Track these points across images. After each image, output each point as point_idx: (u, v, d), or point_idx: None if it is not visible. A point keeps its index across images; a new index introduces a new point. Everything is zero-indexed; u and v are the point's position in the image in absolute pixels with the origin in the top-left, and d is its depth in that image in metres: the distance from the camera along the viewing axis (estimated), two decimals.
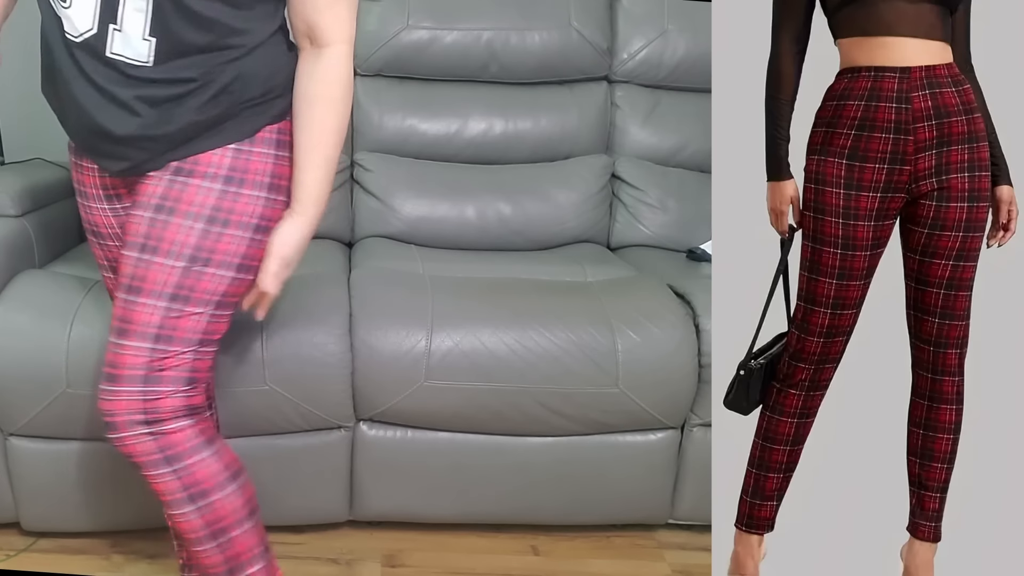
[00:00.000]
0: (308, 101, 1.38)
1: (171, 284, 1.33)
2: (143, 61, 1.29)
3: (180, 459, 1.35)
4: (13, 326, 1.77)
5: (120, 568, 1.91)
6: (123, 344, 1.33)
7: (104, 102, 1.31)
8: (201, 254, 1.34)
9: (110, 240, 1.49)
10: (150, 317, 1.32)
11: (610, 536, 2.11)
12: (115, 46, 1.28)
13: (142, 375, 1.33)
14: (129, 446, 1.35)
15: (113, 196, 1.46)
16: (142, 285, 1.33)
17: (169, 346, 1.33)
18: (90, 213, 1.49)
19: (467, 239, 2.45)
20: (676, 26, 2.58)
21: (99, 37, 1.28)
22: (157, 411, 1.33)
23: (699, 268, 2.35)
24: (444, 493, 2.00)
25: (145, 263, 1.33)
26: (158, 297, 1.32)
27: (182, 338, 1.34)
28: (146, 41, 1.28)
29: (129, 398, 1.33)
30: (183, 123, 1.33)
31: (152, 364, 1.33)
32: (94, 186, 1.46)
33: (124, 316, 1.34)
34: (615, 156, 2.60)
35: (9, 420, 1.81)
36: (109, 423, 1.35)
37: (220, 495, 1.38)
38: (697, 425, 2.01)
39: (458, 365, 1.88)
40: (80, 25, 1.28)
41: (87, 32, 1.28)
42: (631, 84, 2.62)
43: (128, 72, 1.30)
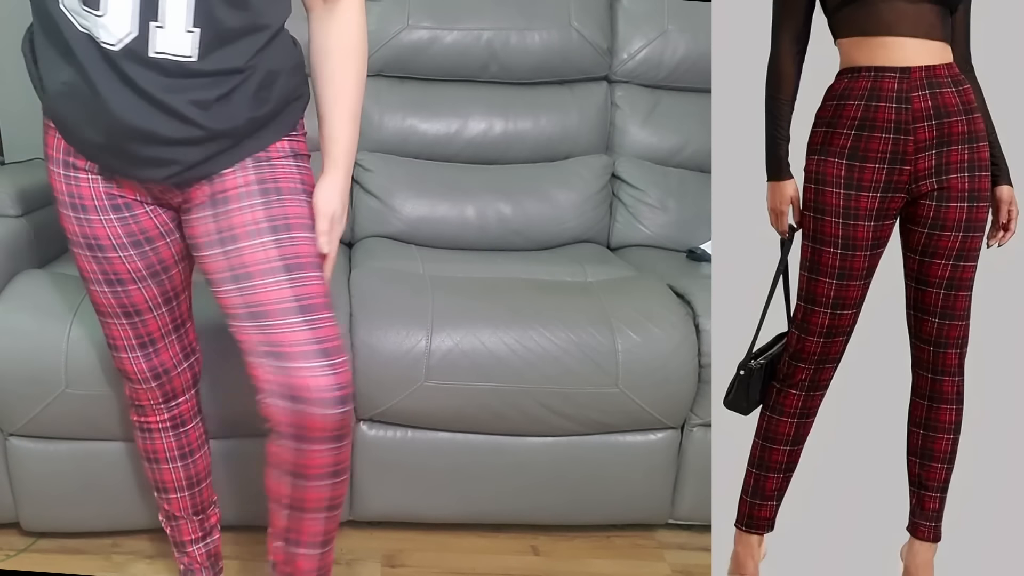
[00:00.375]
0: (326, 54, 1.39)
1: (316, 253, 1.37)
2: (188, 56, 1.26)
3: (348, 434, 1.36)
4: (13, 326, 1.77)
5: (120, 568, 1.91)
6: (316, 319, 1.31)
7: (150, 108, 1.27)
8: (310, 222, 1.39)
9: (112, 252, 1.42)
10: (322, 288, 1.35)
11: (610, 536, 2.11)
12: (158, 45, 1.24)
13: (342, 345, 1.35)
14: (348, 417, 1.33)
15: (121, 205, 1.40)
16: (301, 261, 1.33)
17: (333, 312, 1.37)
18: (89, 225, 1.41)
19: (467, 239, 2.46)
20: (676, 26, 2.58)
21: (140, 39, 1.24)
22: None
23: (699, 268, 2.35)
24: (444, 493, 2.00)
25: (289, 240, 1.34)
26: (319, 268, 1.36)
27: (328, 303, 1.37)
28: (189, 33, 1.25)
29: (348, 368, 1.33)
30: (240, 120, 1.33)
31: (340, 334, 1.36)
32: (95, 197, 1.39)
33: (301, 294, 1.32)
34: (615, 156, 2.60)
35: (9, 420, 1.81)
36: (340, 397, 1.30)
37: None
38: (697, 425, 2.01)
39: (458, 365, 1.88)
40: (118, 31, 1.23)
41: (127, 36, 1.23)
42: (631, 84, 2.63)
43: (174, 71, 1.26)
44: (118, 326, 1.48)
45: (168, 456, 1.62)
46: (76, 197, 1.39)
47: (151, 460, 1.63)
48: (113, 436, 1.84)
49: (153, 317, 1.48)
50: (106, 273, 1.44)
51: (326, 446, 1.32)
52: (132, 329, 1.48)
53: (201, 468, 1.67)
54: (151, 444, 1.61)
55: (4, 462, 1.86)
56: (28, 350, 1.75)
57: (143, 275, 1.43)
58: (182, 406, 1.60)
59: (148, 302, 1.46)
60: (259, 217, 1.34)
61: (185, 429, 1.62)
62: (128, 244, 1.41)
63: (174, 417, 1.60)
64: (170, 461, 1.62)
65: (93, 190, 1.39)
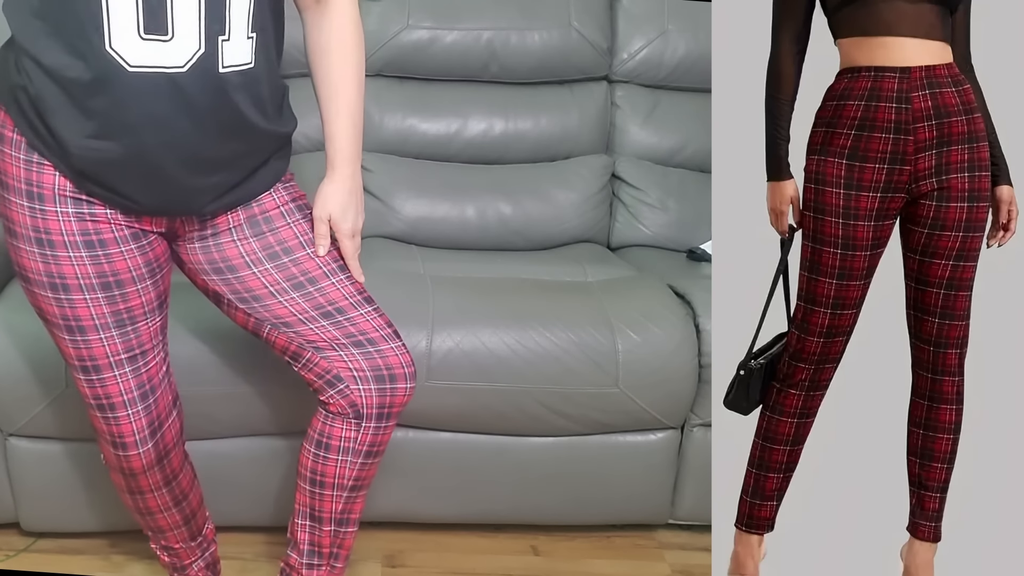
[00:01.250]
0: (321, 52, 1.38)
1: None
2: (247, 63, 1.25)
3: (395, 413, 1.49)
4: (13, 326, 1.77)
5: (120, 568, 1.91)
6: (377, 307, 1.45)
7: (211, 128, 1.25)
8: None
9: (130, 285, 1.34)
10: (354, 285, 1.45)
11: (610, 536, 2.11)
12: (226, 58, 1.22)
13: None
14: (409, 394, 1.47)
15: (140, 232, 1.34)
16: (342, 263, 1.45)
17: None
18: (108, 261, 1.32)
19: (467, 239, 2.45)
20: (676, 26, 2.58)
21: (209, 55, 1.20)
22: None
23: (699, 268, 2.35)
24: (444, 493, 2.00)
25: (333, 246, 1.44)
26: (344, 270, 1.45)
27: None
28: (249, 39, 1.24)
29: (401, 346, 1.46)
30: (290, 127, 1.40)
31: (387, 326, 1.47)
32: (117, 229, 1.32)
33: (359, 288, 1.45)
34: (615, 156, 2.60)
35: (9, 420, 1.81)
36: (412, 372, 1.47)
37: None
38: (697, 425, 2.01)
39: (459, 365, 1.88)
40: (187, 50, 1.19)
41: (196, 54, 1.20)
42: (631, 84, 2.62)
43: (238, 82, 1.24)
44: (118, 375, 1.38)
45: (163, 507, 1.54)
46: (92, 234, 1.31)
47: (144, 514, 1.56)
48: None
49: (146, 324, 1.39)
50: (119, 313, 1.34)
51: (396, 421, 1.49)
52: (124, 342, 1.37)
53: (195, 503, 1.61)
54: (144, 503, 1.53)
55: (4, 462, 1.86)
56: (28, 350, 1.75)
57: (154, 307, 1.39)
58: (173, 460, 1.49)
59: (151, 331, 1.40)
60: (306, 229, 1.42)
61: (177, 479, 1.53)
62: (146, 274, 1.37)
63: (167, 475, 1.50)
64: (165, 510, 1.54)
65: (111, 223, 1.31)
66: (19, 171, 1.29)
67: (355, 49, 1.40)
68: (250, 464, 1.91)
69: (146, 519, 1.58)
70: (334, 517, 1.52)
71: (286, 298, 1.40)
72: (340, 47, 1.38)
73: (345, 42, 1.38)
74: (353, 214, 1.43)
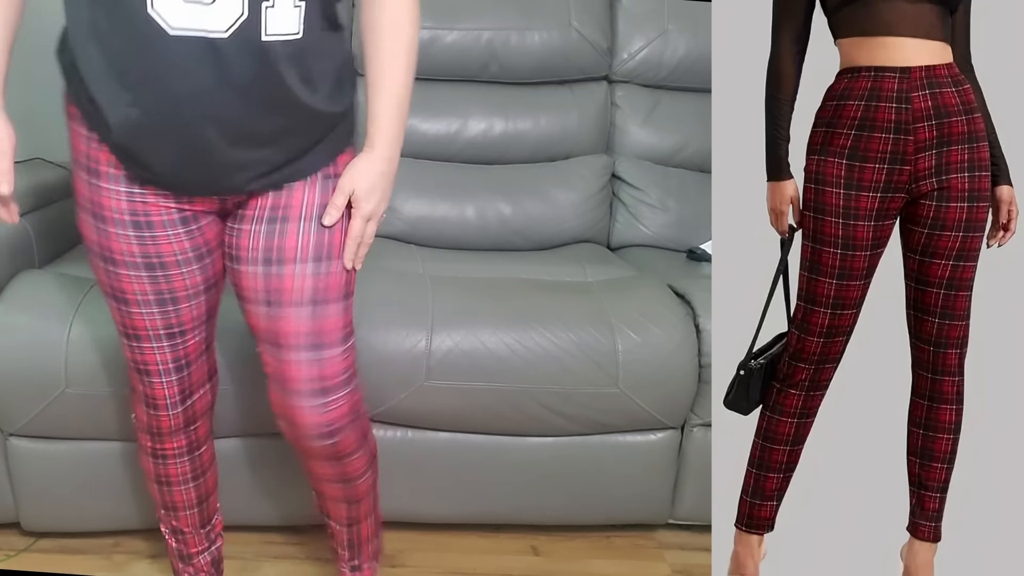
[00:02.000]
0: (372, 28, 1.32)
1: (346, 284, 1.40)
2: (295, 33, 1.20)
3: (368, 438, 1.50)
4: (13, 326, 1.77)
5: (120, 568, 1.91)
6: (325, 356, 1.37)
7: (252, 99, 1.22)
8: None
9: (174, 268, 1.35)
10: (339, 321, 1.38)
11: (610, 536, 2.11)
12: (270, 26, 1.18)
13: (346, 378, 1.41)
14: (342, 443, 1.43)
15: (190, 216, 1.34)
16: (327, 296, 1.37)
17: (350, 341, 1.41)
18: (154, 243, 1.33)
19: (467, 239, 2.46)
20: (676, 26, 2.58)
21: (251, 21, 1.17)
22: (359, 405, 1.45)
23: (699, 268, 2.35)
24: (444, 493, 2.00)
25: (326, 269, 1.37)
26: (343, 298, 1.39)
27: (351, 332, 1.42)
28: (296, 8, 1.19)
29: (343, 403, 1.41)
30: (341, 106, 1.32)
31: (349, 364, 1.41)
32: (166, 212, 1.32)
33: (315, 329, 1.36)
34: (615, 156, 2.60)
35: (9, 420, 1.81)
36: (327, 432, 1.41)
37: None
38: (697, 425, 2.01)
39: (458, 365, 1.88)
40: (229, 15, 1.16)
41: (238, 19, 1.16)
42: (631, 84, 2.63)
43: (283, 52, 1.20)
44: (156, 348, 1.42)
45: (181, 479, 1.58)
46: (141, 215, 1.32)
47: (162, 483, 1.58)
48: (113, 436, 1.84)
49: (188, 307, 1.41)
50: (161, 293, 1.36)
51: (354, 456, 1.51)
52: (164, 320, 1.39)
53: (211, 484, 1.65)
54: (164, 470, 1.56)
55: (4, 462, 1.86)
56: (28, 350, 1.75)
57: (199, 290, 1.40)
58: (199, 429, 1.55)
59: (193, 313, 1.42)
60: (310, 243, 1.35)
61: (199, 451, 1.58)
62: (192, 259, 1.36)
63: (191, 442, 1.55)
64: (183, 483, 1.58)
65: (160, 205, 1.32)
66: (80, 144, 1.31)
67: (409, 27, 1.33)
68: (250, 464, 1.91)
69: (163, 492, 1.59)
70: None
71: (252, 308, 1.39)
72: (392, 25, 1.32)
73: (399, 20, 1.32)
74: (378, 198, 1.37)
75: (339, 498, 1.56)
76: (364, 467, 1.52)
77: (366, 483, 1.55)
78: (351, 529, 1.63)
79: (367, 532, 1.66)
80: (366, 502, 1.60)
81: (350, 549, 1.68)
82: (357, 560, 1.70)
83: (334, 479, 1.51)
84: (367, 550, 1.69)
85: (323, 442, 1.42)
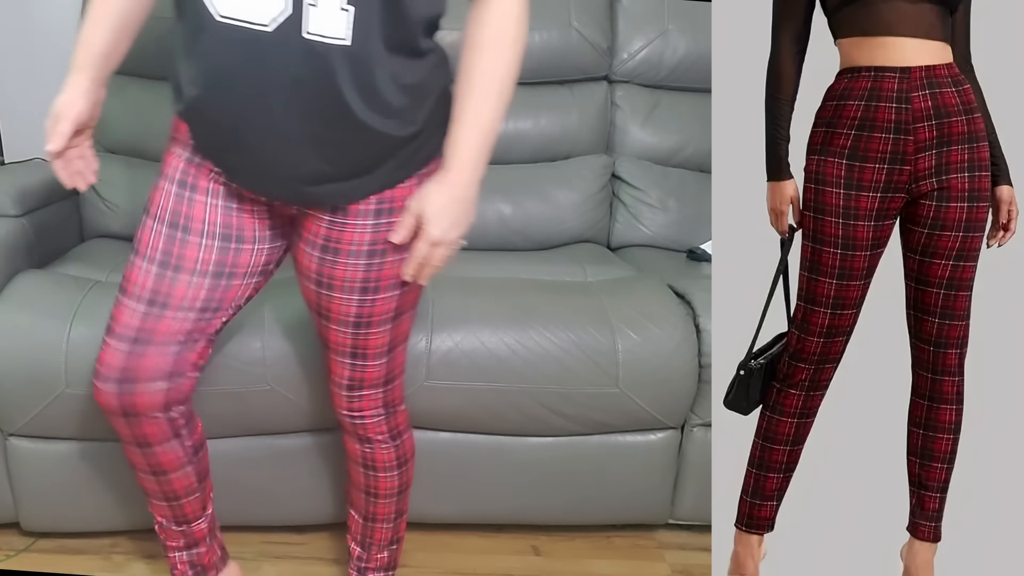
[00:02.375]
0: (476, 48, 1.29)
1: (396, 307, 1.47)
2: (341, 38, 1.18)
3: (401, 436, 1.61)
4: (12, 326, 1.77)
5: (120, 568, 1.91)
6: (365, 364, 1.48)
7: (296, 98, 1.21)
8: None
9: (195, 236, 1.38)
10: (381, 339, 1.46)
11: (610, 536, 2.11)
12: (312, 24, 1.16)
13: (384, 380, 1.53)
14: (369, 428, 1.57)
15: (234, 195, 1.38)
16: (371, 320, 1.45)
17: (395, 350, 1.52)
18: (190, 204, 1.38)
19: (467, 239, 2.45)
20: (676, 26, 2.58)
21: (294, 18, 1.16)
22: (395, 403, 1.58)
23: (699, 268, 2.35)
24: (444, 493, 2.00)
25: (371, 301, 1.43)
26: (390, 320, 1.46)
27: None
28: (344, 12, 1.17)
29: (376, 399, 1.54)
30: (387, 127, 1.27)
31: (389, 370, 1.52)
32: (213, 181, 1.37)
33: (357, 344, 1.46)
34: (615, 156, 2.60)
35: (8, 420, 1.81)
36: (356, 416, 1.55)
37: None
38: (697, 425, 2.01)
39: (458, 365, 1.88)
40: (273, 8, 1.16)
41: (282, 14, 1.16)
42: (631, 84, 2.62)
43: (331, 55, 1.18)
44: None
45: (177, 464, 1.54)
46: (191, 177, 1.38)
47: (157, 473, 1.54)
48: (112, 436, 1.82)
49: (187, 281, 1.39)
50: (168, 254, 1.38)
51: (383, 446, 1.63)
52: (155, 282, 1.38)
53: (205, 465, 1.62)
54: (154, 458, 1.51)
55: (4, 462, 1.86)
56: (28, 350, 1.75)
57: (207, 270, 1.39)
58: (183, 404, 1.48)
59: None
60: (356, 276, 1.38)
61: (188, 430, 1.53)
62: (218, 234, 1.39)
63: (172, 421, 1.48)
64: (179, 468, 1.54)
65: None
66: (178, 123, 1.38)
67: (511, 47, 1.29)
68: (250, 464, 1.91)
69: (160, 480, 1.55)
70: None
71: (310, 311, 1.49)
72: (495, 43, 1.28)
73: (502, 40, 1.28)
74: (448, 223, 1.32)
75: (360, 485, 1.65)
76: (389, 462, 1.60)
77: (389, 482, 1.62)
78: (366, 525, 1.69)
79: (381, 536, 1.70)
80: (386, 504, 1.66)
81: (362, 546, 1.72)
82: (366, 563, 1.73)
83: (359, 461, 1.62)
84: (378, 556, 1.72)
85: (351, 420, 1.56)
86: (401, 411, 1.61)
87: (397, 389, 1.57)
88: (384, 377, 1.52)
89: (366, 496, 1.66)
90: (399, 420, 1.61)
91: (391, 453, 1.60)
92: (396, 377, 1.55)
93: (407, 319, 1.49)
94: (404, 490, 1.68)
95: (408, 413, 1.64)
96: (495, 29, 1.29)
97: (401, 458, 1.63)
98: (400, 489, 1.66)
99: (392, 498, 1.66)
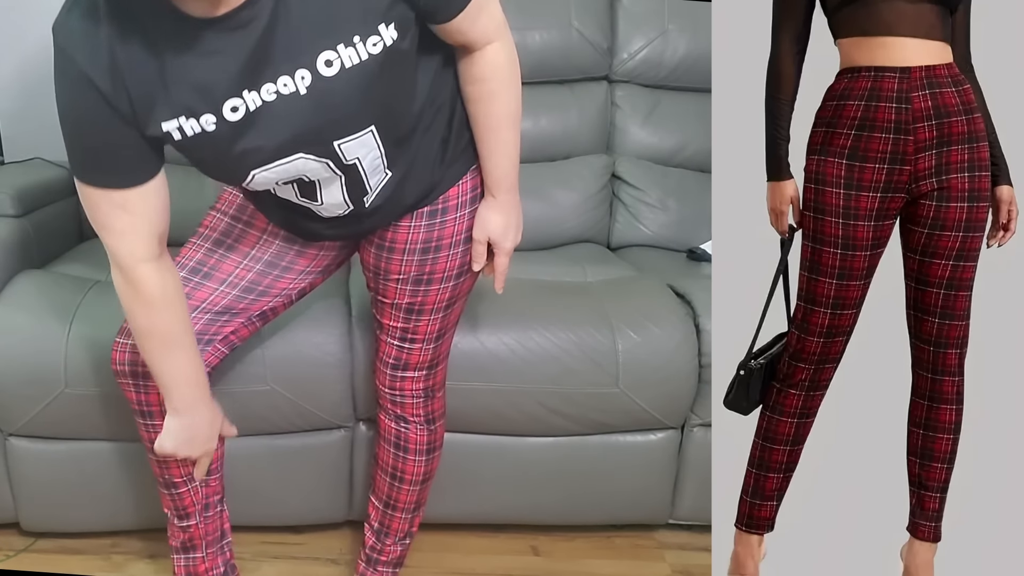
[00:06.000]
0: (471, 100, 1.40)
1: (449, 298, 1.57)
2: (384, 179, 1.37)
3: (434, 423, 1.66)
4: (12, 326, 1.77)
5: (120, 568, 1.91)
6: (412, 347, 1.57)
7: (354, 220, 1.42)
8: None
9: (238, 256, 1.51)
10: (432, 326, 1.56)
11: (610, 536, 2.11)
12: (370, 202, 1.37)
13: (428, 364, 1.60)
14: (405, 407, 1.63)
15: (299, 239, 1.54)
16: (423, 308, 1.55)
17: (442, 338, 1.60)
18: (245, 229, 1.51)
19: None
20: (676, 26, 2.58)
21: (357, 208, 1.38)
22: (436, 389, 1.64)
23: (699, 268, 2.35)
24: (444, 493, 1.99)
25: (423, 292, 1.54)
26: (442, 309, 1.57)
27: None
28: (386, 173, 1.36)
29: (419, 382, 1.61)
30: (424, 169, 1.43)
31: (435, 354, 1.60)
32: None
33: (407, 328, 1.55)
34: (615, 156, 2.60)
35: (8, 420, 1.81)
36: (395, 393, 1.62)
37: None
38: (697, 425, 2.01)
39: (458, 365, 1.87)
40: (336, 211, 1.37)
41: (344, 212, 1.38)
42: (631, 84, 2.62)
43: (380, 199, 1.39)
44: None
45: (196, 510, 1.64)
46: (246, 212, 1.52)
47: (180, 518, 1.64)
48: (112, 436, 1.84)
49: (210, 290, 1.50)
50: (202, 264, 1.50)
51: (417, 425, 1.68)
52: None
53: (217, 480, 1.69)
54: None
55: (4, 462, 1.86)
56: (28, 350, 1.75)
57: (237, 283, 1.50)
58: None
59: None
60: (409, 269, 1.49)
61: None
62: (263, 260, 1.51)
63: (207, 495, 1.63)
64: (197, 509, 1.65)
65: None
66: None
67: (505, 91, 1.39)
68: (249, 464, 1.91)
69: (172, 495, 1.61)
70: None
71: (375, 303, 1.59)
72: (488, 94, 1.39)
73: (492, 91, 1.39)
74: (513, 233, 1.50)
75: (388, 468, 1.68)
76: (420, 445, 1.65)
77: (417, 467, 1.67)
78: (386, 512, 1.72)
79: (398, 526, 1.74)
80: (409, 491, 1.69)
81: (377, 536, 1.75)
82: (379, 553, 1.76)
83: (391, 440, 1.66)
84: (391, 548, 1.76)
85: (392, 398, 1.62)
86: (439, 397, 1.66)
87: (440, 374, 1.64)
88: (429, 361, 1.59)
89: (391, 481, 1.69)
90: (436, 406, 1.66)
91: (424, 436, 1.65)
92: (440, 362, 1.62)
93: (459, 307, 1.58)
94: (428, 479, 1.71)
95: (445, 401, 1.69)
96: (498, 81, 1.39)
97: (432, 443, 1.67)
98: (424, 477, 1.69)
99: (416, 485, 1.69)
